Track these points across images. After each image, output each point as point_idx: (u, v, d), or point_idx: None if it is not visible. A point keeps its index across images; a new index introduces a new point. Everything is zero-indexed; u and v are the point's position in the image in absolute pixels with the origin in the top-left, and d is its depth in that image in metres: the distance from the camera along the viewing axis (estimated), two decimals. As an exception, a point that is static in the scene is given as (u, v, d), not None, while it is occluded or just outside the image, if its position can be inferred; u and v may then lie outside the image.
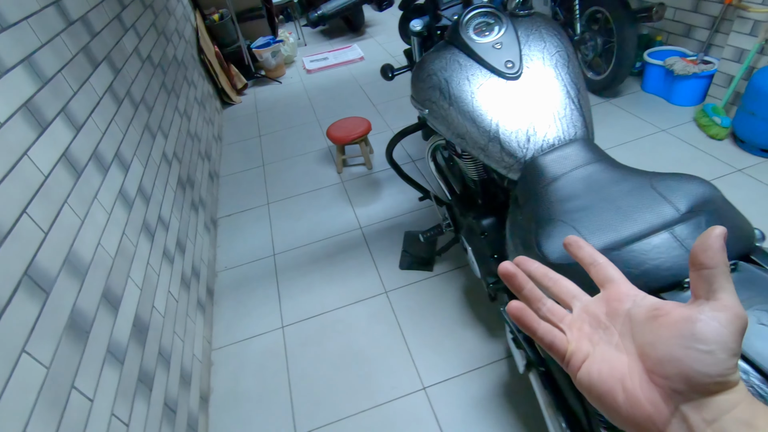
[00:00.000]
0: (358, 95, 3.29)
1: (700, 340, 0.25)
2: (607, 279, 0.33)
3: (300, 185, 2.43)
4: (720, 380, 0.25)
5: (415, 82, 1.20)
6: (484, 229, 1.27)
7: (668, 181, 0.87)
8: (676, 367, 0.26)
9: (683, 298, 0.69)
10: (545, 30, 1.12)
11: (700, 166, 2.01)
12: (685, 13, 2.42)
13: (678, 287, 0.69)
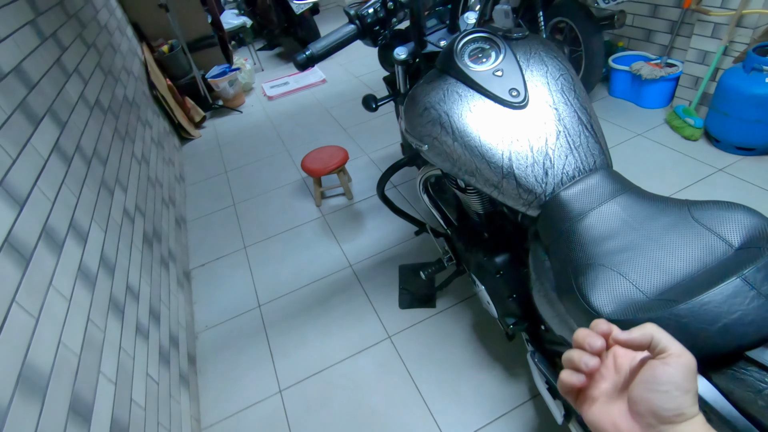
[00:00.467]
0: (325, 120, 3.17)
1: (658, 383, 0.35)
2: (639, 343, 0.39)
3: (277, 223, 2.26)
4: (678, 413, 0.34)
5: (410, 116, 1.10)
6: (499, 268, 1.17)
7: (710, 211, 0.80)
8: (645, 405, 0.35)
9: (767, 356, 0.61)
10: (544, 52, 1.05)
11: (683, 168, 2.02)
12: (644, 19, 2.48)
13: (766, 344, 0.61)
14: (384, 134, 2.81)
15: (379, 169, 2.50)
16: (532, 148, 0.94)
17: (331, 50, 0.84)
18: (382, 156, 2.61)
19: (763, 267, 0.66)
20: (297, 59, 0.82)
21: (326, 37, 0.84)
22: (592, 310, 0.75)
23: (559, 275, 0.87)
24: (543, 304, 0.99)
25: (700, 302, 0.66)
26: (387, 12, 0.84)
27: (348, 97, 3.42)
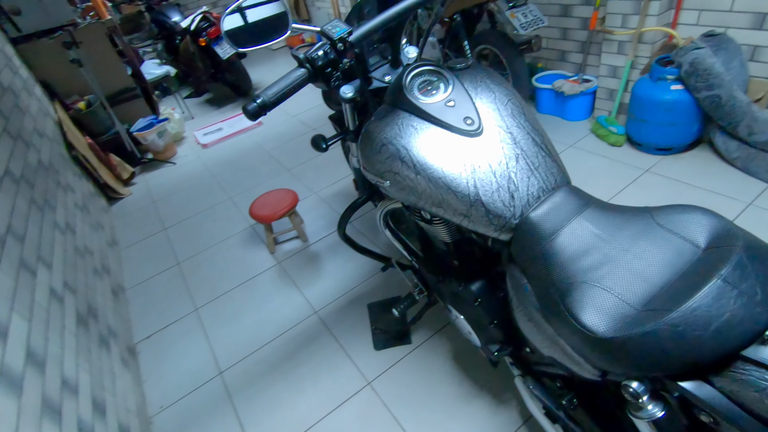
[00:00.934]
0: (268, 163, 3.07)
1: None
2: None
3: (229, 278, 2.11)
4: None
5: (367, 153, 1.07)
6: (477, 296, 1.15)
7: (671, 215, 0.83)
8: None
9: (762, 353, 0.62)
10: (489, 80, 1.07)
11: (615, 172, 2.17)
12: (557, 41, 2.70)
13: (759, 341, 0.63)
14: (330, 171, 2.77)
15: (331, 207, 2.45)
16: (495, 173, 0.94)
17: (284, 96, 0.79)
18: (332, 193, 2.56)
19: (737, 265, 0.68)
20: (248, 109, 0.77)
21: (276, 83, 0.79)
22: (587, 330, 0.74)
23: (543, 298, 0.86)
24: (529, 328, 0.97)
25: (689, 309, 0.66)
26: (337, 53, 0.81)
27: (288, 138, 3.36)
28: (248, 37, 0.80)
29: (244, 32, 0.81)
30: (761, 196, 1.84)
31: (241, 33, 0.80)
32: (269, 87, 0.79)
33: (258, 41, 0.81)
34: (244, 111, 0.77)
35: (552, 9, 2.61)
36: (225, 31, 0.79)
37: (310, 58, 0.79)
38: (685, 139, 2.12)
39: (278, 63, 5.16)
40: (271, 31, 0.81)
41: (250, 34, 0.80)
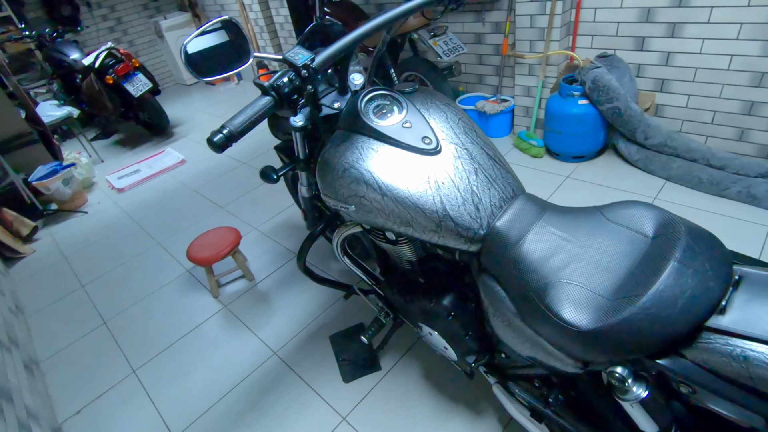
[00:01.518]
0: (197, 202, 2.89)
1: None
2: None
3: (170, 330, 1.91)
4: None
5: (328, 180, 1.06)
6: (450, 310, 1.16)
7: (617, 211, 0.92)
8: None
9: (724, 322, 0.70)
10: (438, 101, 1.13)
11: (541, 181, 2.37)
12: (474, 66, 2.93)
13: (717, 311, 0.71)
14: (268, 204, 2.67)
15: (274, 241, 2.35)
16: (458, 188, 0.97)
17: (251, 125, 0.75)
18: (273, 227, 2.47)
19: (686, 248, 0.77)
20: (214, 141, 0.72)
21: (242, 112, 0.76)
22: (570, 325, 0.78)
23: (520, 301, 0.89)
24: (508, 333, 1.00)
25: (657, 291, 0.73)
26: (302, 80, 0.80)
27: (216, 174, 3.20)
28: (210, 66, 0.76)
29: (205, 61, 0.76)
30: (662, 191, 2.12)
31: (202, 62, 0.76)
32: (234, 116, 0.75)
33: (220, 70, 0.77)
34: (210, 143, 0.72)
35: (467, 37, 2.84)
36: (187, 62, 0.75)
37: (276, 86, 0.77)
38: (595, 146, 2.39)
39: (195, 98, 4.94)
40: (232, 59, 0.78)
41: (212, 63, 0.76)
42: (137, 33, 5.29)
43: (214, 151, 0.73)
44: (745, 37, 1.90)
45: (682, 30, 2.04)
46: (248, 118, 0.75)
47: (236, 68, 0.79)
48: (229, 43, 0.80)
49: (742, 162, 1.97)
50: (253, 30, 4.46)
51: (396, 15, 0.96)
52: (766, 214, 1.86)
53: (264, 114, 0.78)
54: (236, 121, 0.74)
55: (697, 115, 2.20)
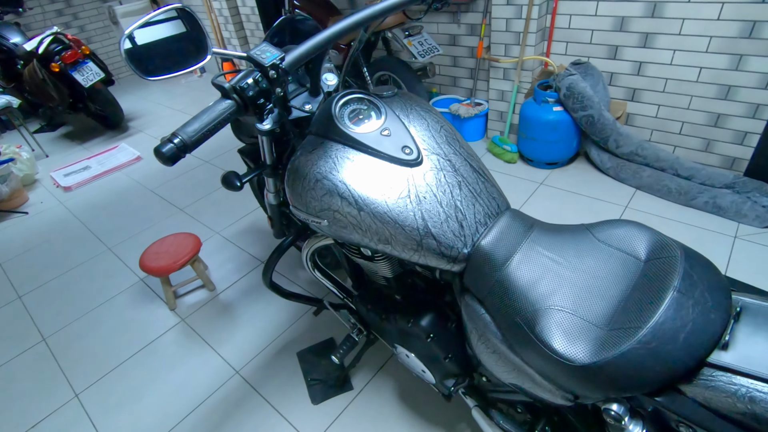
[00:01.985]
0: (155, 203, 2.68)
1: None
2: None
3: (120, 348, 1.74)
4: None
5: (299, 191, 0.96)
6: (429, 331, 1.08)
7: (607, 231, 0.87)
8: None
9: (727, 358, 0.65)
10: (419, 107, 1.05)
11: (515, 187, 2.34)
12: (449, 68, 2.87)
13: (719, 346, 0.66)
14: (232, 206, 2.51)
15: (238, 248, 2.20)
16: (441, 203, 0.90)
17: (208, 133, 0.64)
18: (237, 231, 2.32)
19: (685, 276, 0.73)
20: (163, 152, 0.60)
21: (197, 118, 0.64)
22: (564, 359, 0.72)
23: (508, 328, 0.83)
24: (492, 360, 0.93)
25: (658, 323, 0.68)
26: (270, 82, 0.70)
27: (175, 173, 2.99)
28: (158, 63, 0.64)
29: (152, 57, 0.64)
30: (633, 200, 2.14)
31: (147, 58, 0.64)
32: (189, 122, 0.64)
33: (170, 68, 0.65)
34: (158, 155, 0.61)
35: (442, 38, 2.77)
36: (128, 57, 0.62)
37: (239, 88, 0.66)
38: (568, 153, 2.39)
39: (153, 90, 4.65)
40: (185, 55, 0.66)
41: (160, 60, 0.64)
42: (89, 18, 4.91)
43: (163, 163, 0.62)
44: (714, 50, 1.93)
45: (655, 41, 2.06)
46: (204, 126, 0.64)
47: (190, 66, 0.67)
48: (182, 36, 0.68)
49: (708, 172, 2.01)
50: (217, 21, 4.23)
51: (376, 12, 0.87)
52: (731, 224, 1.90)
53: (224, 120, 0.66)
54: (190, 128, 0.63)
55: (666, 125, 2.23)
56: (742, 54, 1.87)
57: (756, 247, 1.77)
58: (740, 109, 1.98)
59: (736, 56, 1.89)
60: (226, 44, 4.40)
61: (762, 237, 1.81)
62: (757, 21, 1.78)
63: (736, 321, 0.68)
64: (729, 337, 0.66)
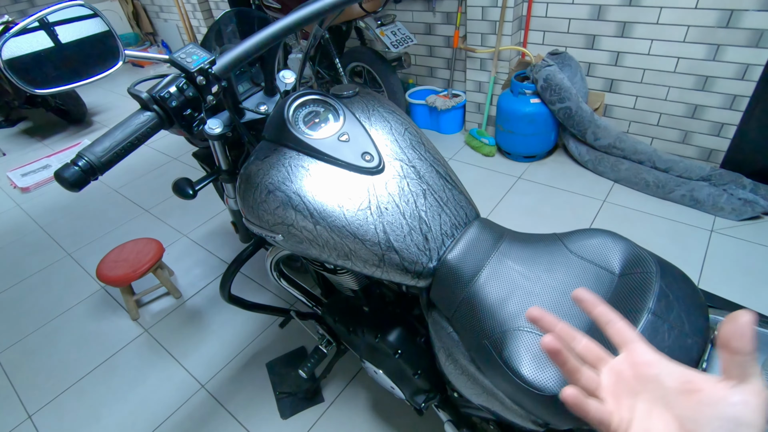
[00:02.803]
0: (119, 204, 2.55)
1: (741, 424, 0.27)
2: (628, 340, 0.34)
3: (78, 363, 1.64)
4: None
5: (250, 203, 0.87)
6: (397, 347, 1.02)
7: (580, 241, 0.82)
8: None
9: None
10: (382, 108, 0.97)
11: (493, 181, 2.29)
12: (425, 58, 2.78)
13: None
14: (200, 207, 2.40)
15: (206, 251, 2.10)
16: (404, 214, 0.83)
17: (123, 152, 0.55)
18: (205, 234, 2.22)
19: (660, 296, 0.68)
20: (65, 177, 0.51)
21: (109, 135, 0.55)
22: (532, 388, 0.66)
23: (475, 350, 0.77)
24: (461, 381, 0.88)
25: (633, 350, 0.63)
26: (197, 89, 0.61)
27: (141, 171, 2.85)
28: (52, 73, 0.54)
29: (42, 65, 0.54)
30: (611, 193, 2.10)
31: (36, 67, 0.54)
32: (98, 140, 0.55)
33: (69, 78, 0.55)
34: (60, 180, 0.52)
35: (417, 27, 2.68)
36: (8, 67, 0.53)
37: (160, 98, 0.57)
38: (546, 146, 2.34)
39: (118, 83, 4.43)
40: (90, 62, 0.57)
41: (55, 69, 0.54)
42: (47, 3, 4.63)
43: (67, 189, 0.53)
44: (691, 40, 1.89)
45: (632, 30, 2.01)
46: (117, 143, 0.55)
47: (97, 74, 0.57)
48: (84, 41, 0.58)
49: (685, 165, 1.98)
50: (185, 8, 4.03)
51: (326, 6, 0.78)
52: (708, 217, 1.88)
53: (143, 136, 0.58)
54: (99, 147, 0.54)
55: (643, 116, 2.20)
56: (719, 44, 1.83)
57: (732, 241, 1.76)
58: (717, 100, 1.95)
59: (713, 46, 1.85)
60: (195, 33, 4.21)
61: (738, 230, 1.80)
62: (735, 10, 1.74)
63: (714, 345, 0.64)
64: (706, 364, 0.62)
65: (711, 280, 1.61)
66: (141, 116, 0.57)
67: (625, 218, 1.95)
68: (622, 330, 0.35)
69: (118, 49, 0.57)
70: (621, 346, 0.35)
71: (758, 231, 1.78)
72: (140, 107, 0.59)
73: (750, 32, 1.75)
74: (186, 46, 0.62)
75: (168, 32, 4.65)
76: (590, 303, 0.37)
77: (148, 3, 4.61)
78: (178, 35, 4.52)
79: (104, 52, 0.56)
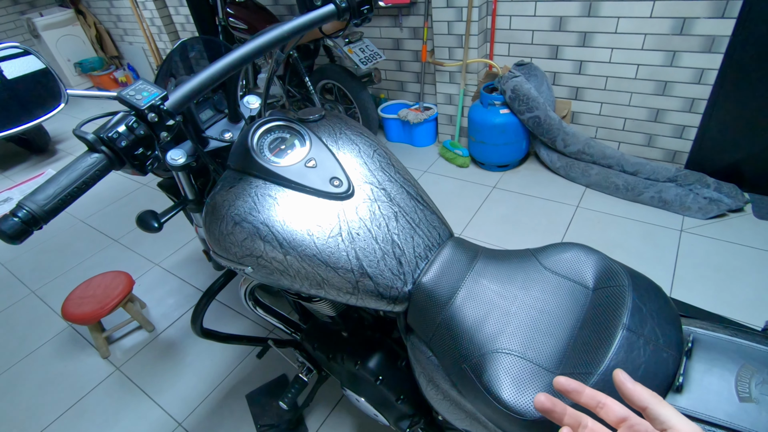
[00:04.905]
0: (85, 235, 2.45)
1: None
2: (621, 417, 0.35)
3: (45, 408, 1.55)
4: None
5: (217, 235, 0.84)
6: (377, 373, 1.00)
7: (554, 256, 0.82)
8: None
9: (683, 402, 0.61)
10: (349, 130, 0.96)
11: (468, 192, 2.30)
12: (395, 73, 2.80)
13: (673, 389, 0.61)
14: (171, 234, 2.33)
15: (179, 279, 2.04)
16: (377, 239, 0.81)
17: (68, 199, 0.52)
18: (177, 261, 2.15)
19: (634, 311, 0.68)
20: (3, 230, 0.48)
21: (53, 180, 0.52)
22: (514, 413, 0.65)
23: (455, 374, 0.75)
24: (444, 406, 0.86)
25: (609, 369, 0.63)
26: (149, 126, 0.58)
27: (108, 200, 2.76)
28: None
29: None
30: (584, 198, 2.14)
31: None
32: (41, 187, 0.51)
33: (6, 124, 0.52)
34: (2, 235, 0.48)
35: (385, 43, 2.70)
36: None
37: (108, 139, 0.54)
38: (518, 155, 2.37)
39: (83, 108, 4.31)
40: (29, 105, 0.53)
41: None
42: (6, 31, 4.50)
43: (7, 242, 0.49)
44: (649, 48, 1.96)
45: (593, 39, 2.07)
46: (62, 189, 0.52)
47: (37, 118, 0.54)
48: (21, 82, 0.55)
49: (652, 167, 2.04)
50: (149, 31, 3.97)
51: (284, 33, 0.76)
52: (677, 218, 1.93)
53: (92, 179, 0.54)
54: (41, 195, 0.50)
55: (609, 122, 2.26)
56: (675, 50, 1.90)
57: (701, 240, 1.80)
58: (677, 103, 2.02)
59: (670, 53, 1.92)
60: (161, 55, 4.14)
61: (706, 228, 1.85)
62: (687, 18, 1.81)
63: (689, 358, 0.64)
64: (683, 378, 0.62)
65: (684, 279, 1.65)
66: (88, 158, 0.54)
67: (599, 222, 1.98)
68: (613, 410, 0.36)
69: (59, 90, 0.54)
70: (616, 425, 0.35)
71: (725, 228, 1.83)
72: (87, 149, 0.55)
73: (703, 38, 1.82)
74: (135, 81, 0.60)
75: (134, 55, 4.56)
76: (576, 392, 0.38)
77: (112, 27, 4.52)
78: (144, 58, 4.44)
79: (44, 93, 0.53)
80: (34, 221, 0.50)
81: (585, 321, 0.72)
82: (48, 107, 0.52)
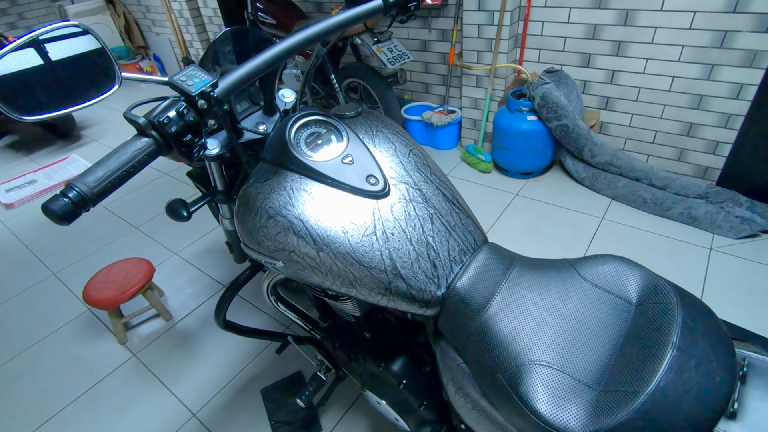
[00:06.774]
0: (106, 221, 2.48)
1: None
2: None
3: (62, 390, 1.56)
4: None
5: (249, 228, 0.83)
6: (401, 377, 0.98)
7: (594, 268, 0.79)
8: None
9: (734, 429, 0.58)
10: (385, 129, 0.94)
11: (490, 198, 2.27)
12: (420, 75, 2.78)
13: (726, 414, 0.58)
14: (191, 224, 2.34)
15: (198, 270, 2.04)
16: (411, 240, 0.79)
17: (117, 182, 0.51)
18: (197, 252, 2.16)
19: (684, 330, 0.65)
20: (53, 210, 0.47)
21: (103, 163, 0.51)
22: (552, 428, 0.63)
23: (489, 385, 0.73)
24: (473, 416, 0.83)
25: (658, 389, 0.60)
26: (198, 113, 0.57)
27: (130, 187, 2.79)
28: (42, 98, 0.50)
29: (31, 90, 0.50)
30: (609, 210, 2.10)
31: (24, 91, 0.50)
32: (90, 169, 0.51)
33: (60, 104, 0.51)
34: (48, 213, 0.47)
35: (413, 44, 2.68)
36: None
37: (158, 123, 0.53)
38: (543, 163, 2.33)
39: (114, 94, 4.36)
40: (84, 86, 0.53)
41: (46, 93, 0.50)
42: (37, 18, 4.59)
43: (56, 223, 0.48)
44: (686, 60, 1.91)
45: (627, 49, 2.03)
46: (112, 172, 0.51)
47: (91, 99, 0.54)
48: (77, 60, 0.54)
49: (682, 182, 1.99)
50: (178, 23, 4.01)
51: (331, 27, 0.75)
52: (707, 236, 1.88)
53: (140, 164, 0.54)
54: (91, 177, 0.50)
55: (639, 134, 2.21)
56: (713, 64, 1.85)
57: (731, 260, 1.75)
58: (712, 118, 1.97)
59: (707, 66, 1.87)
60: (188, 47, 4.19)
61: (737, 248, 1.80)
62: (728, 31, 1.76)
63: (743, 383, 0.61)
64: (737, 404, 0.59)
65: (713, 299, 1.60)
66: (137, 142, 0.54)
67: (625, 236, 1.94)
68: None
69: (114, 71, 0.53)
70: None
71: (757, 249, 1.78)
72: (137, 133, 0.55)
73: (744, 53, 1.77)
74: (187, 68, 0.59)
75: (160, 46, 4.62)
76: None
77: (141, 17, 4.58)
78: (170, 49, 4.49)
79: (99, 74, 0.52)
80: (83, 203, 0.49)
81: (628, 337, 0.69)
82: (103, 88, 0.52)
